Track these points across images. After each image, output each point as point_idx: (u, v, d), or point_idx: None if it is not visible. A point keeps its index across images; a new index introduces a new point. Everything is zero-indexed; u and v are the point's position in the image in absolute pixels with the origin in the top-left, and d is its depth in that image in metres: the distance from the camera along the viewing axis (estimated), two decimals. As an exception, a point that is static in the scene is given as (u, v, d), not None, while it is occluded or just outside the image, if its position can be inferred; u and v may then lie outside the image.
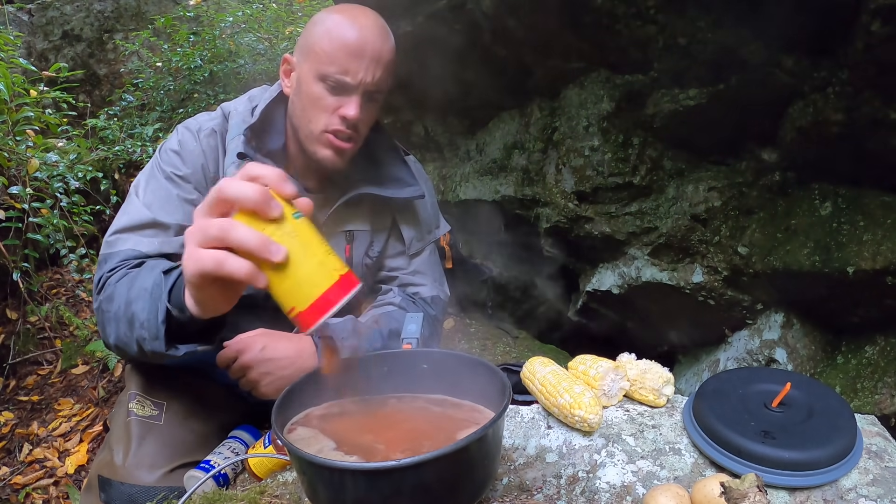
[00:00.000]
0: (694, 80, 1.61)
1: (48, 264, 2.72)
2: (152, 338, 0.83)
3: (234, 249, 0.59)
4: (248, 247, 0.58)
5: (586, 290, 2.18)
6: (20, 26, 3.83)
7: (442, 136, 2.60)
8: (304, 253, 0.61)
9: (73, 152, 2.77)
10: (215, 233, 0.59)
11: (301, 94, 1.04)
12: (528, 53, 1.95)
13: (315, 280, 0.61)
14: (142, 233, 1.04)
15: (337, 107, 1.01)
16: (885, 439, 0.81)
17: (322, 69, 1.00)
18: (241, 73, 3.48)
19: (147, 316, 0.83)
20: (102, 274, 1.01)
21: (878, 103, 1.32)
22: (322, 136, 1.04)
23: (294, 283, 0.61)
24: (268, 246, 0.58)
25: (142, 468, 1.07)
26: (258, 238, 0.58)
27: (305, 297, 0.61)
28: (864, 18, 1.23)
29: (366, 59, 0.99)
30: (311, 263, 0.61)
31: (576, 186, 1.99)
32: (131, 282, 0.91)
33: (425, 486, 0.63)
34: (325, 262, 0.62)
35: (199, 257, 0.60)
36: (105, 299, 0.96)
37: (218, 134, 1.12)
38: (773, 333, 1.72)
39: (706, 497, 0.67)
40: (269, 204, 0.59)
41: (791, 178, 1.62)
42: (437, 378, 0.84)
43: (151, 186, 1.08)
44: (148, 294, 0.84)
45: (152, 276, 0.86)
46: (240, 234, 0.58)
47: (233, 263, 0.59)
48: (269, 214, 0.59)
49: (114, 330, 0.93)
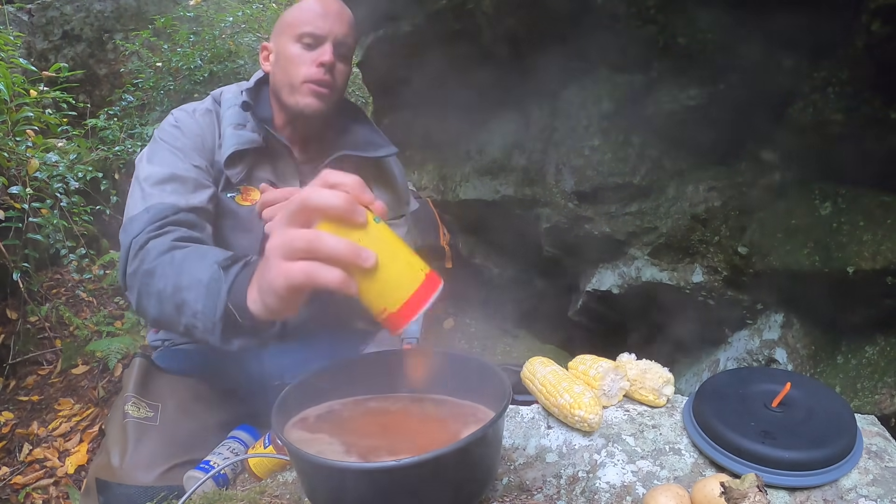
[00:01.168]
0: (694, 80, 1.61)
1: (48, 264, 2.72)
2: (207, 330, 0.82)
3: (323, 259, 0.59)
4: (339, 256, 0.58)
5: (586, 290, 2.18)
6: (20, 26, 3.83)
7: (442, 136, 2.60)
8: (391, 256, 0.61)
9: (73, 152, 2.77)
10: (303, 245, 0.59)
11: (281, 60, 1.18)
12: (529, 53, 1.95)
13: (404, 282, 0.61)
14: (165, 186, 1.07)
15: (314, 59, 1.14)
16: (885, 439, 0.81)
17: (297, 31, 1.15)
18: (241, 73, 3.48)
19: (203, 309, 0.82)
20: (136, 235, 0.99)
21: (878, 103, 1.32)
22: (303, 87, 1.15)
23: (384, 286, 0.61)
24: (359, 252, 0.58)
25: (139, 469, 1.07)
26: (348, 246, 0.58)
27: (396, 298, 0.61)
28: (864, 18, 1.23)
29: (331, 16, 1.16)
30: (398, 265, 0.61)
31: (576, 186, 1.99)
32: (181, 265, 0.89)
33: (425, 486, 0.63)
34: (411, 262, 0.62)
35: (288, 271, 0.59)
36: (147, 272, 0.94)
37: (213, 113, 1.21)
38: (773, 333, 1.72)
39: (706, 497, 0.67)
40: (356, 211, 0.59)
41: (791, 178, 1.62)
42: (438, 378, 0.84)
43: (157, 157, 1.13)
44: (204, 287, 0.82)
45: (206, 268, 0.83)
46: (330, 244, 0.58)
47: (325, 274, 0.58)
48: (356, 221, 0.59)
49: (156, 306, 0.92)
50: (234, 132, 1.17)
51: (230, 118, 1.18)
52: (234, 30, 3.77)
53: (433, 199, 2.65)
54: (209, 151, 1.17)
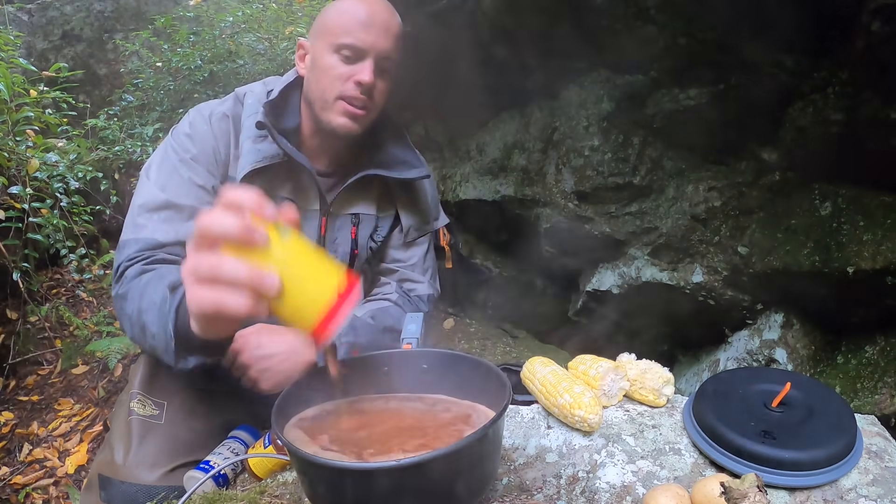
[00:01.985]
0: (694, 80, 1.61)
1: (48, 264, 2.72)
2: (163, 351, 0.86)
3: (226, 285, 0.58)
4: (241, 282, 0.57)
5: (586, 290, 2.18)
6: (20, 26, 3.83)
7: (442, 136, 2.60)
8: (300, 274, 0.60)
9: (73, 152, 2.77)
10: (206, 271, 0.58)
11: (316, 69, 1.09)
12: (528, 53, 1.95)
13: (316, 298, 0.60)
14: (158, 215, 1.06)
15: (351, 74, 1.06)
16: (885, 439, 0.81)
17: (336, 41, 1.06)
18: (241, 73, 3.48)
19: (157, 330, 0.86)
20: (121, 262, 1.03)
21: (878, 103, 1.32)
22: (337, 104, 1.08)
23: (296, 306, 0.60)
24: (261, 279, 0.57)
25: (142, 467, 1.07)
26: (249, 272, 0.57)
27: (310, 316, 0.60)
28: (864, 18, 1.23)
29: (375, 28, 1.06)
30: (307, 283, 0.60)
31: (576, 186, 1.99)
32: (143, 289, 0.93)
33: (425, 486, 0.63)
34: (321, 277, 0.61)
35: (199, 298, 0.60)
36: (121, 296, 0.99)
37: (230, 118, 1.14)
38: (773, 333, 1.72)
39: (706, 497, 0.67)
40: (253, 234, 0.57)
41: (791, 178, 1.62)
42: (438, 378, 0.84)
43: (164, 169, 1.10)
44: (157, 309, 0.86)
45: (161, 290, 0.87)
46: (230, 271, 0.57)
47: (231, 303, 0.58)
48: (254, 244, 0.58)
49: (129, 329, 0.98)
50: (252, 146, 1.10)
51: (249, 129, 1.11)
52: (234, 30, 3.76)
53: (433, 199, 2.65)
54: (222, 165, 1.12)
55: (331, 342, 0.66)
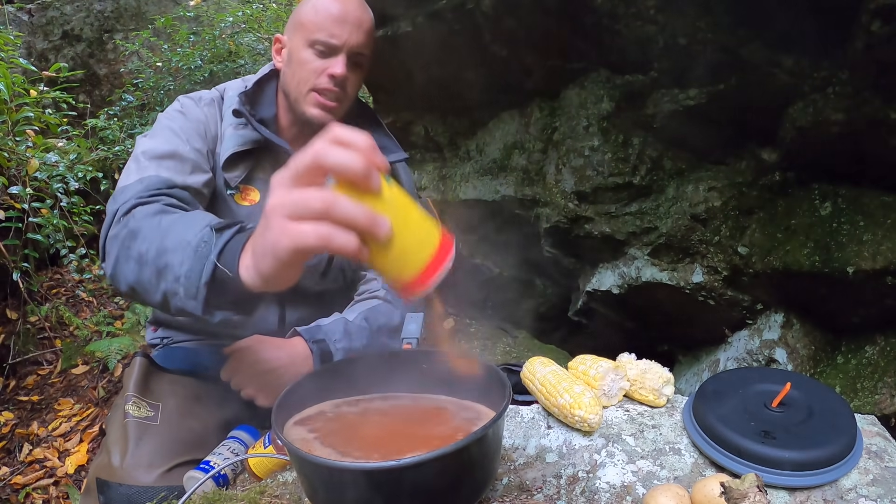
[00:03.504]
0: (694, 80, 1.61)
1: (48, 264, 2.72)
2: (188, 296, 0.76)
3: (338, 223, 0.55)
4: (356, 222, 0.54)
5: (586, 290, 2.18)
6: (20, 26, 3.83)
7: (442, 136, 2.60)
8: (405, 222, 0.58)
9: (73, 152, 2.77)
10: (318, 206, 0.54)
11: (292, 63, 1.15)
12: (528, 53, 1.95)
13: (418, 249, 0.59)
14: (162, 162, 1.04)
15: (325, 68, 1.11)
16: (885, 439, 0.81)
17: (310, 36, 1.11)
18: (241, 73, 3.48)
19: (187, 272, 0.76)
20: (126, 200, 0.94)
21: (878, 103, 1.32)
22: (310, 96, 1.13)
23: (397, 254, 0.58)
24: (375, 220, 0.55)
25: (139, 468, 1.06)
26: (366, 213, 0.54)
27: (410, 266, 0.59)
28: (864, 18, 1.23)
29: (349, 24, 1.11)
30: (411, 232, 0.59)
31: (576, 186, 1.99)
32: (167, 227, 0.83)
33: (425, 486, 0.63)
34: (424, 227, 0.60)
35: (298, 232, 0.55)
36: (127, 234, 0.88)
37: (216, 103, 1.21)
38: (773, 333, 1.72)
39: (706, 497, 0.67)
40: (372, 175, 0.55)
41: (791, 178, 1.62)
42: (437, 378, 0.84)
43: (159, 135, 1.11)
44: (192, 249, 0.76)
45: (197, 230, 0.77)
46: (346, 209, 0.54)
47: (340, 239, 0.54)
48: (371, 187, 0.55)
49: (134, 271, 0.85)
50: (234, 132, 1.15)
51: (230, 118, 1.17)
52: (234, 30, 3.77)
53: (433, 199, 2.65)
54: (211, 140, 1.16)
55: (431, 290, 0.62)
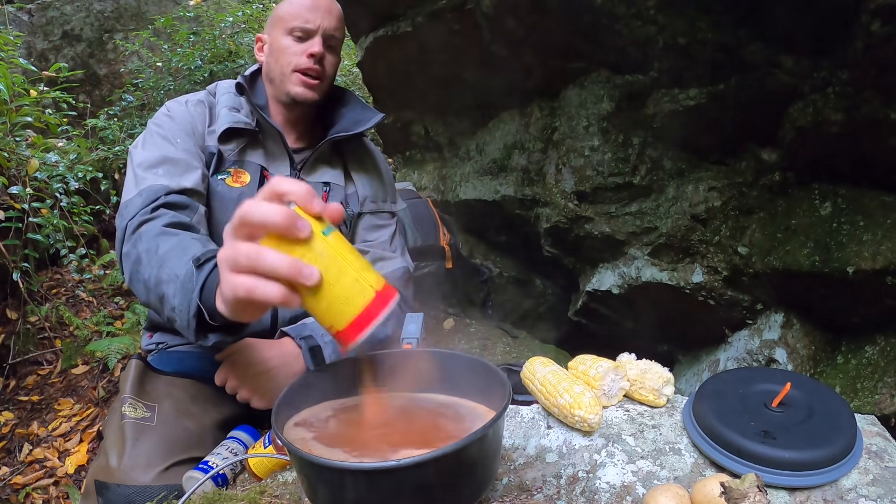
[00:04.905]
0: (694, 80, 1.61)
1: (48, 264, 2.72)
2: (183, 325, 0.84)
3: (264, 275, 0.58)
4: (278, 274, 0.57)
5: (586, 290, 2.18)
6: (20, 26, 3.83)
7: (442, 136, 2.60)
8: (338, 271, 0.59)
9: (73, 152, 2.77)
10: (244, 261, 0.58)
11: (274, 52, 1.26)
12: (528, 53, 1.96)
13: (351, 298, 0.59)
14: (157, 170, 1.12)
15: (304, 50, 1.23)
16: (885, 439, 0.81)
17: (288, 25, 1.23)
18: (241, 73, 3.48)
19: (178, 305, 0.84)
20: (133, 216, 1.04)
21: (878, 103, 1.32)
22: (294, 76, 1.24)
23: (330, 303, 0.59)
24: (300, 270, 0.57)
25: (137, 468, 1.06)
26: (289, 263, 0.57)
27: (343, 316, 0.59)
28: (864, 18, 1.23)
29: (321, 10, 1.25)
30: (345, 282, 0.59)
31: (576, 186, 1.99)
32: (164, 258, 0.92)
33: (425, 486, 0.63)
34: (360, 278, 0.60)
35: (233, 284, 0.60)
36: (135, 260, 0.99)
37: (205, 104, 1.28)
38: (773, 333, 1.72)
39: (706, 497, 0.67)
40: (297, 226, 0.57)
41: (791, 178, 1.62)
42: (437, 378, 0.84)
43: (149, 142, 1.18)
44: (180, 283, 0.84)
45: (184, 263, 0.86)
46: (269, 261, 0.57)
47: (265, 290, 0.58)
48: (297, 237, 0.57)
49: (143, 294, 0.98)
50: (228, 113, 1.24)
51: (225, 102, 1.26)
52: (234, 30, 3.77)
53: (433, 199, 2.65)
54: (199, 137, 1.23)
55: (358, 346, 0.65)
